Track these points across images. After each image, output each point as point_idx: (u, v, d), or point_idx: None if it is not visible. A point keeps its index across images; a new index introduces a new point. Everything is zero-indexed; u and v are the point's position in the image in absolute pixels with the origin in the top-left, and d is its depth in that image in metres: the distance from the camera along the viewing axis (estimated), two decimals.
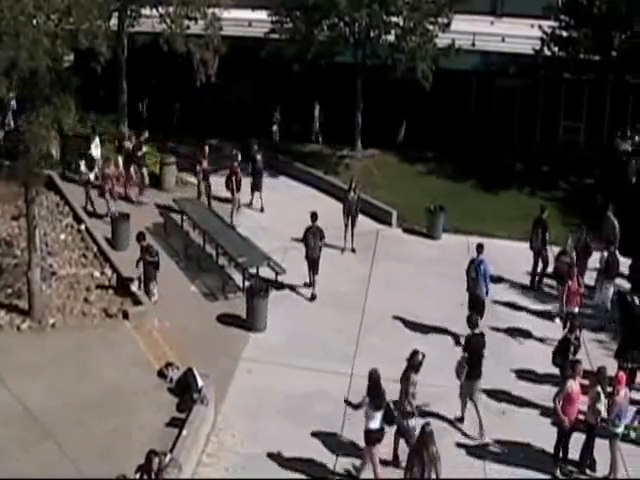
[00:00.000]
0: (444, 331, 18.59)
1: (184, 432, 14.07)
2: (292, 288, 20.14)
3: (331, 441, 15.01)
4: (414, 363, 14.57)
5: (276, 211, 24.23)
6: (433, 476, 12.72)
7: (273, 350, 17.36)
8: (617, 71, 27.65)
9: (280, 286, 19.95)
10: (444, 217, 23.74)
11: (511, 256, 22.01)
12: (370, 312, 19.31)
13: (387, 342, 17.93)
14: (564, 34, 28.43)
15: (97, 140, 24.91)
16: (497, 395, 16.46)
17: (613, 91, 29.21)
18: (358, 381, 16.62)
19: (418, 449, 12.91)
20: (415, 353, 14.68)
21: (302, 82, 28.91)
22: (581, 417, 14.64)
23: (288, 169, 27.58)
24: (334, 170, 27.38)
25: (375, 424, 13.84)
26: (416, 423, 14.08)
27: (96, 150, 24.66)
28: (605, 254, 19.63)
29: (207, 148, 24.27)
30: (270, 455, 14.51)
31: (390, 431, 14.27)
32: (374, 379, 13.99)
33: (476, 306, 18.09)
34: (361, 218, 23.04)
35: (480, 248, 18.60)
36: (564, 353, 16.14)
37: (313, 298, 19.78)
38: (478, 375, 15.46)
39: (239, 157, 24.16)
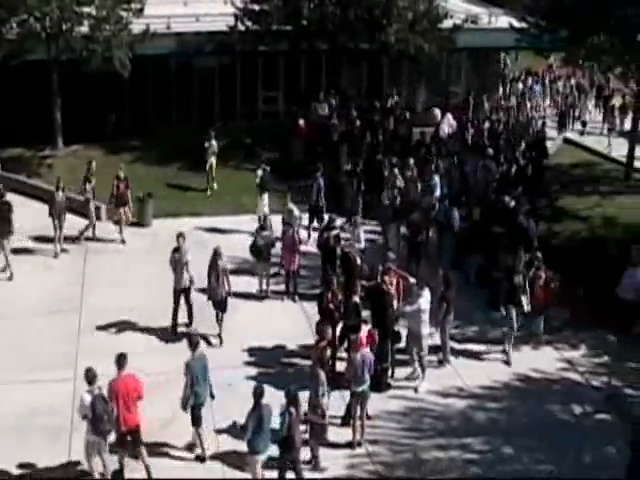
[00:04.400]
0: (163, 318, 18.28)
1: None
2: None
3: (59, 453, 14.32)
4: (323, 359, 14.80)
5: None
6: (226, 284, 17.35)
7: None
8: (308, 39, 28.66)
9: None
10: (153, 203, 23.62)
11: (224, 230, 22.88)
12: (88, 311, 18.76)
13: (108, 339, 17.57)
14: (256, 8, 29.05)
15: None
16: (224, 368, 16.49)
17: (307, 58, 30.28)
18: (82, 384, 16.30)
19: (210, 268, 17.27)
20: (321, 344, 14.89)
21: None
22: None
23: None
24: (37, 172, 26.42)
25: None
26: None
27: None
28: None
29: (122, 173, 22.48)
30: None
31: None
32: None
33: (316, 214, 22.53)
34: (70, 217, 22.34)
35: (316, 171, 22.47)
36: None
37: None
38: (9, 232, 19.68)
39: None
